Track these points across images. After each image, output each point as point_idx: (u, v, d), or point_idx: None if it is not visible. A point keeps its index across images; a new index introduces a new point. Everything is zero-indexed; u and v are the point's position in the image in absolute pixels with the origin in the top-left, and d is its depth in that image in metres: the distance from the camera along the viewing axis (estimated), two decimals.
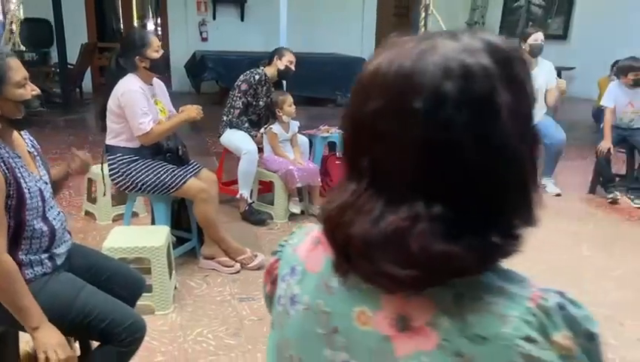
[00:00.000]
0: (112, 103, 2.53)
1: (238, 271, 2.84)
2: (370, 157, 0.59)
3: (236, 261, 2.86)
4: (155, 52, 2.61)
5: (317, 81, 8.60)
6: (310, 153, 4.01)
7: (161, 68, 2.67)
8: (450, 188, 0.55)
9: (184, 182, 2.67)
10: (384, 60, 0.59)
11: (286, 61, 3.63)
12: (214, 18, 9.73)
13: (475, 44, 0.57)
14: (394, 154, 0.57)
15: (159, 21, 10.34)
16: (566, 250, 3.27)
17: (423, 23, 3.79)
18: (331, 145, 4.38)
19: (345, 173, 0.63)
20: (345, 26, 10.01)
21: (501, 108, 0.54)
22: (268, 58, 3.76)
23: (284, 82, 4.14)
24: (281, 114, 3.56)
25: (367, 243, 0.57)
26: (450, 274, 0.55)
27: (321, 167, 4.17)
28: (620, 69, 4.10)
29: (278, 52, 3.70)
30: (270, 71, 3.68)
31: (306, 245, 0.69)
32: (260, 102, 3.66)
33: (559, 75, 8.56)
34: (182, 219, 3.03)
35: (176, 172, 2.68)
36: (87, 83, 8.70)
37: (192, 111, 2.71)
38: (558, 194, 4.29)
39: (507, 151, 0.55)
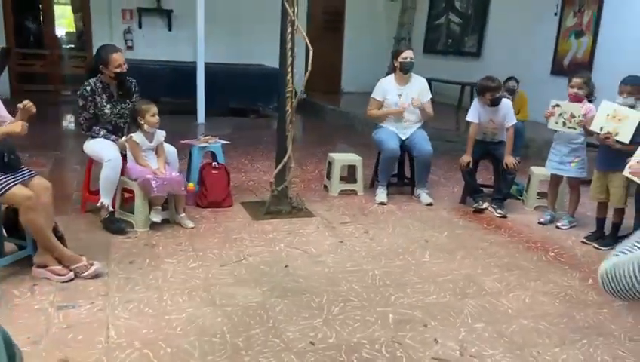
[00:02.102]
0: None
1: (71, 280, 2.83)
2: None
3: (70, 269, 2.85)
4: None
5: (240, 91, 8.65)
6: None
7: None
8: None
9: (7, 190, 2.65)
10: None
11: (112, 67, 3.58)
12: (140, 27, 9.68)
13: None
14: None
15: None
16: (409, 255, 3.40)
17: (289, 37, 3.88)
18: (213, 155, 4.42)
19: None
20: (276, 38, 10.08)
21: None
22: (93, 67, 3.65)
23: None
24: (142, 122, 3.58)
25: None
26: None
27: (199, 177, 4.22)
28: (478, 89, 4.31)
29: (100, 61, 3.59)
30: (105, 78, 3.63)
31: None
32: (106, 110, 3.65)
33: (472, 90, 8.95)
34: (19, 226, 2.99)
35: None
36: (5, 88, 8.49)
37: (17, 126, 2.70)
38: (430, 204, 4.46)
39: None
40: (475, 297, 2.87)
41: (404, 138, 4.55)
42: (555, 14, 7.43)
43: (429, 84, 9.50)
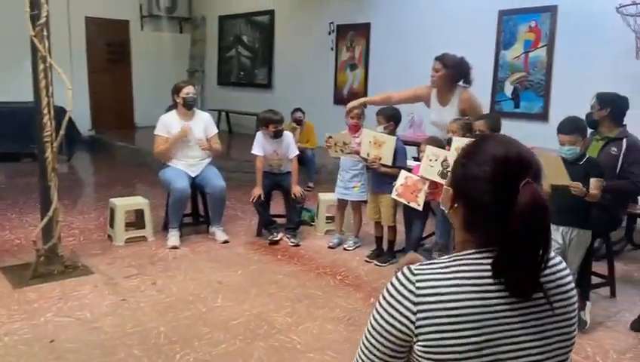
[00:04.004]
0: None
1: None
2: None
3: None
4: None
5: (8, 133, 7.44)
6: None
7: None
8: None
9: None
10: None
11: None
12: None
13: None
14: None
15: None
16: (200, 302, 3.22)
17: (42, 75, 3.41)
18: None
19: None
20: (54, 74, 8.99)
21: None
22: None
23: None
24: None
25: None
26: None
27: None
28: (262, 122, 4.40)
29: None
30: None
31: None
32: None
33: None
34: None
35: None
36: None
37: None
38: (226, 241, 4.35)
39: None
40: (265, 338, 2.81)
41: (194, 175, 4.37)
42: (332, 49, 8.13)
43: (226, 116, 9.68)
